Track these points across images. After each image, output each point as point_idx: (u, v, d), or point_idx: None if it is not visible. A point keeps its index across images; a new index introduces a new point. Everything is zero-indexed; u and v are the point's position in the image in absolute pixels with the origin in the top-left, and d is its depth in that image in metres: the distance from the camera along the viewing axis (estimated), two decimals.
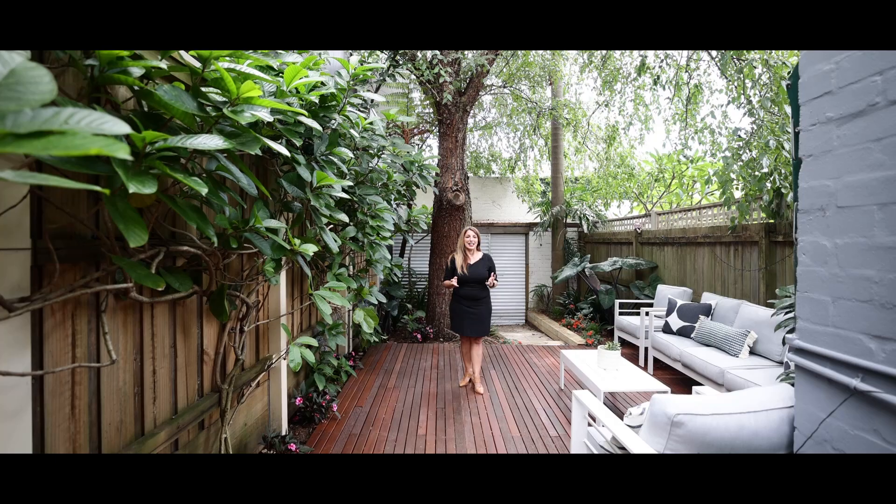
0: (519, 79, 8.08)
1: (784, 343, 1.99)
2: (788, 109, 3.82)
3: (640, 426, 1.77)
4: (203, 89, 1.44)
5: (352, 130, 2.97)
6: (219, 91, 1.44)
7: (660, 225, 6.96)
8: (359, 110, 3.20)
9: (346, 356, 4.64)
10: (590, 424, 2.32)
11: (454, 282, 4.07)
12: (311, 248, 2.10)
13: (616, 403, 3.84)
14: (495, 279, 4.11)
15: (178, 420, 1.91)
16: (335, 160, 2.68)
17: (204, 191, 1.10)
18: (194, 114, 1.29)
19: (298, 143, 2.06)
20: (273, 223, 1.90)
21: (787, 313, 1.97)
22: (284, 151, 1.52)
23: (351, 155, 2.68)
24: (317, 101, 2.29)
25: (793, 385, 1.79)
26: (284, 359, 2.96)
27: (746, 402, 1.56)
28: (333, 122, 2.63)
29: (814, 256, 1.37)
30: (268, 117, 1.50)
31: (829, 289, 1.30)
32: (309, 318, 3.89)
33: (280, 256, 2.15)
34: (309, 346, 2.67)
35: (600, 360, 3.65)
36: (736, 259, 4.73)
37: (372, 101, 5.13)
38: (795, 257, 1.46)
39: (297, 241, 2.06)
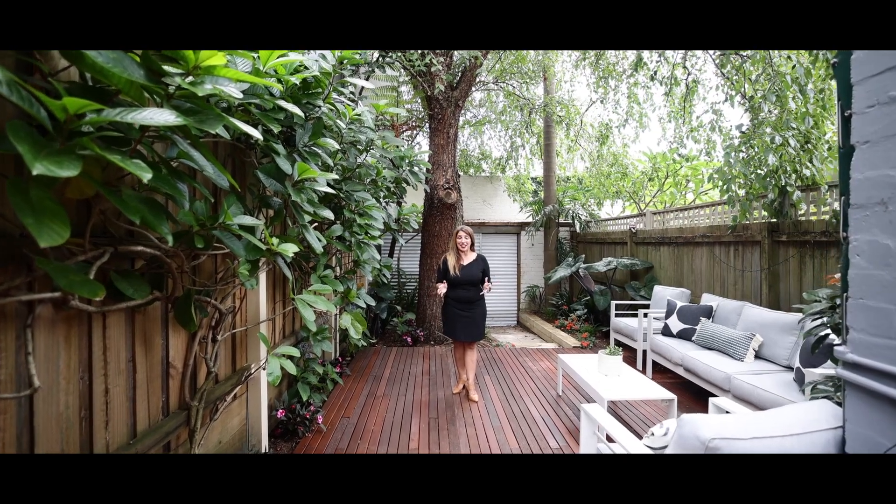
0: (511, 74, 7.90)
1: (814, 350, 1.83)
2: (793, 104, 3.69)
3: (663, 447, 1.59)
4: (165, 67, 1.21)
5: (338, 121, 2.75)
6: (176, 63, 1.22)
7: (654, 224, 6.85)
8: (346, 100, 2.97)
9: (332, 362, 4.39)
10: (599, 440, 2.13)
11: (442, 288, 3.87)
12: (290, 249, 1.87)
13: (616, 410, 3.67)
14: (489, 283, 3.92)
15: (136, 445, 1.66)
16: (320, 152, 2.45)
17: (147, 176, 0.87)
18: (142, 84, 1.06)
19: (277, 129, 1.83)
20: (247, 220, 1.67)
21: (815, 319, 1.81)
22: (256, 134, 1.29)
23: (337, 146, 2.46)
24: (298, 84, 2.06)
25: (828, 399, 1.63)
26: (264, 369, 2.71)
27: (786, 422, 1.38)
28: (318, 110, 2.39)
29: (872, 258, 1.19)
30: (236, 93, 1.27)
31: (893, 295, 1.13)
32: (292, 322, 3.65)
33: (256, 257, 1.92)
34: (290, 357, 2.44)
35: (601, 365, 3.48)
36: (736, 259, 4.60)
37: (361, 89, 4.89)
38: (845, 258, 1.28)
39: (274, 241, 1.83)
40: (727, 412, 2.16)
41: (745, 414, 1.52)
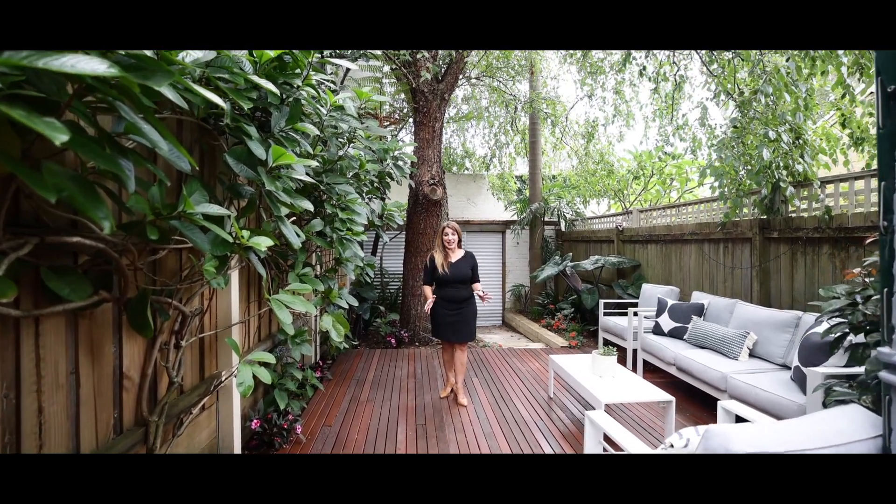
0: (496, 69, 7.76)
1: (833, 350, 1.72)
2: (788, 97, 3.64)
3: None
4: None
5: (319, 107, 2.54)
6: None
7: (640, 223, 6.81)
8: (329, 82, 2.76)
9: (312, 366, 4.15)
10: (604, 450, 1.98)
11: (429, 304, 3.67)
12: (264, 243, 1.66)
13: (609, 412, 3.55)
14: (483, 293, 3.71)
15: None
16: (298, 138, 2.24)
17: (60, 138, 0.66)
18: None
19: (247, 106, 1.61)
20: (213, 209, 1.45)
21: (832, 318, 1.70)
22: (220, 102, 1.09)
23: (317, 132, 2.24)
24: (274, 57, 1.84)
25: (853, 403, 1.51)
26: (235, 376, 2.47)
27: (820, 431, 1.25)
28: (296, 91, 2.17)
29: None
30: (194, 52, 1.06)
31: None
32: (269, 324, 3.40)
33: (225, 253, 1.69)
34: (265, 363, 2.21)
35: (595, 366, 3.35)
36: (726, 256, 4.56)
37: (346, 73, 4.65)
38: (890, 249, 1.15)
39: (245, 234, 1.61)
40: (736, 416, 2.04)
41: (770, 423, 1.38)
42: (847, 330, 1.64)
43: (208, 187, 1.77)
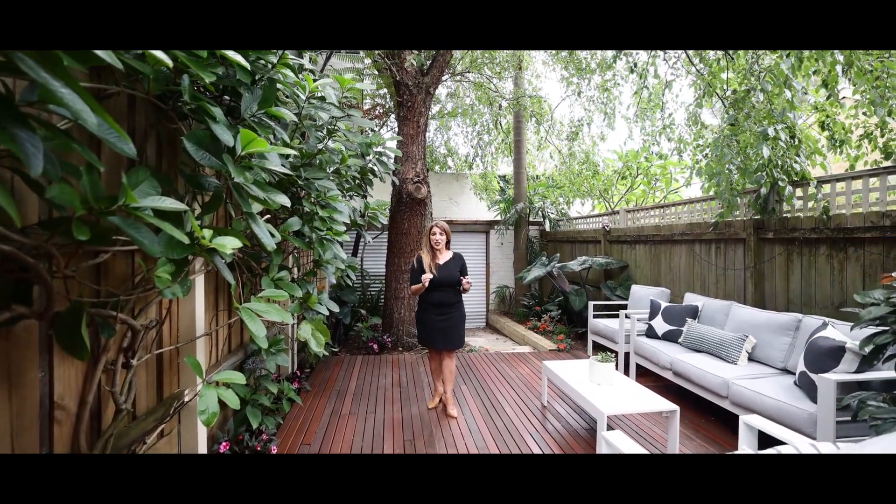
0: (482, 65, 7.57)
1: (872, 361, 1.57)
2: (789, 94, 3.55)
3: None
4: None
5: (297, 93, 2.28)
6: None
7: (628, 223, 6.73)
8: (308, 62, 2.49)
9: (288, 377, 3.85)
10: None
11: (426, 277, 3.39)
12: (230, 244, 1.39)
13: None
14: (467, 283, 3.50)
15: None
16: (273, 125, 1.97)
17: None
18: None
19: (209, 79, 1.34)
20: (165, 203, 1.18)
21: (867, 326, 1.56)
22: (165, 58, 0.82)
23: (294, 118, 1.98)
24: None
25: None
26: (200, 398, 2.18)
27: None
28: (271, 72, 1.90)
29: None
30: None
31: None
32: (241, 333, 3.10)
33: (183, 256, 1.41)
34: (234, 384, 1.93)
35: (592, 373, 3.17)
36: (718, 257, 4.47)
37: (328, 56, 4.35)
38: None
39: (205, 233, 1.34)
40: (759, 431, 1.88)
41: (819, 450, 1.20)
42: (890, 339, 1.50)
43: (167, 179, 1.49)
